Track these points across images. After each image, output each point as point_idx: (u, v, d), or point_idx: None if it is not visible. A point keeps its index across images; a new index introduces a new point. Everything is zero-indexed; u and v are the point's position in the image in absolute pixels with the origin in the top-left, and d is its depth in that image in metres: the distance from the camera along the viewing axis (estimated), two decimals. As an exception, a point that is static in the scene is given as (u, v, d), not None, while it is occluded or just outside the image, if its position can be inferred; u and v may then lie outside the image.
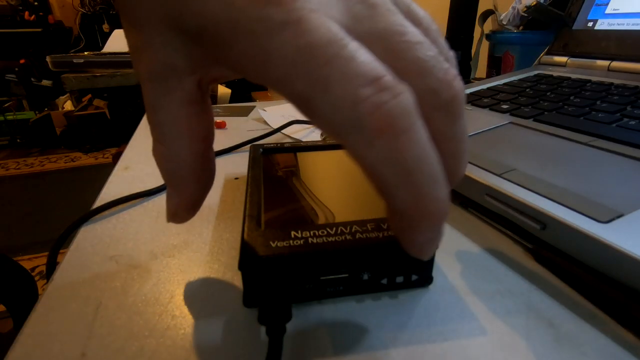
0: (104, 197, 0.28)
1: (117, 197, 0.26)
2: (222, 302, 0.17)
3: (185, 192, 0.16)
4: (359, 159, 0.11)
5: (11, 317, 0.52)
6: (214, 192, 0.27)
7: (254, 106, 0.55)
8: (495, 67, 0.59)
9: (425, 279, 0.17)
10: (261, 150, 0.27)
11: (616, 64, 0.37)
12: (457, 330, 0.15)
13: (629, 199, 0.18)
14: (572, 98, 0.33)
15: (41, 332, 0.16)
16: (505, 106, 0.34)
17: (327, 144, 0.29)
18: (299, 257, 0.15)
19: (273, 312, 0.14)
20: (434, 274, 0.18)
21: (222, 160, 0.34)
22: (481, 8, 0.59)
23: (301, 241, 0.16)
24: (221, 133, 0.43)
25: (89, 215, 0.25)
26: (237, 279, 0.19)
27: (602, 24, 0.41)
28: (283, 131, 0.41)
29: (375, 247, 0.16)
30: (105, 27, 2.74)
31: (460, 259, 0.20)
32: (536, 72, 0.44)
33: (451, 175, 0.12)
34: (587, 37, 0.42)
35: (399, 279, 0.17)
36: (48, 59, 1.00)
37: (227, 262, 0.20)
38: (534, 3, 0.48)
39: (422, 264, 0.17)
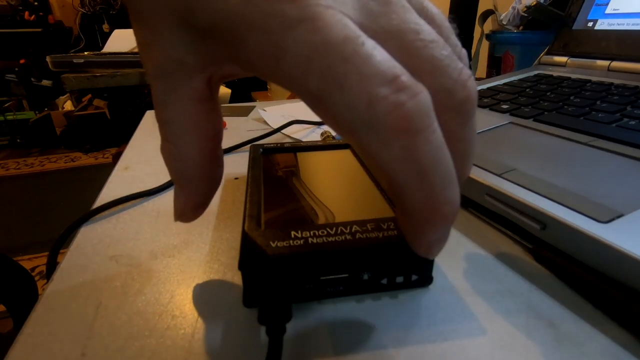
0: (104, 197, 0.28)
1: (117, 197, 0.26)
2: (222, 302, 0.17)
3: (193, 191, 0.15)
4: (373, 158, 0.11)
5: (11, 317, 0.52)
6: (214, 192, 0.27)
7: (254, 106, 0.55)
8: (495, 67, 0.59)
9: (425, 279, 0.17)
10: (261, 150, 0.27)
11: (616, 64, 0.37)
12: (457, 330, 0.15)
13: (629, 199, 0.18)
14: (572, 98, 0.33)
15: (41, 332, 0.16)
16: (505, 106, 0.34)
17: (327, 144, 0.28)
18: (299, 257, 0.15)
19: (273, 312, 0.14)
20: (434, 274, 0.18)
21: (222, 160, 0.34)
22: (481, 8, 0.59)
23: (301, 241, 0.16)
24: (221, 133, 0.42)
25: (89, 215, 0.25)
26: (237, 279, 0.19)
27: (602, 24, 0.41)
28: (283, 131, 0.41)
29: (375, 247, 0.16)
30: (105, 27, 2.74)
31: (460, 259, 0.20)
32: (536, 72, 0.44)
33: (457, 176, 0.12)
34: (587, 37, 0.42)
35: (399, 279, 0.17)
36: (48, 59, 1.00)
37: (227, 262, 0.20)
38: (534, 3, 0.48)
39: (422, 264, 0.17)
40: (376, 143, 0.10)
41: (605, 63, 0.38)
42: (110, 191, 0.29)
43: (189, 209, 0.16)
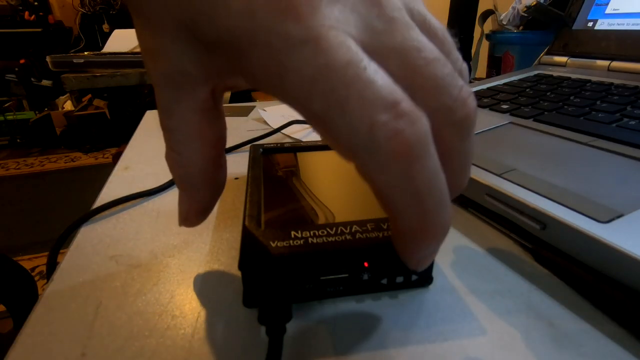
0: (104, 197, 0.28)
1: (117, 197, 0.26)
2: (222, 302, 0.17)
3: (197, 197, 0.16)
4: (370, 181, 0.11)
5: (11, 317, 0.52)
6: (214, 192, 0.27)
7: (254, 106, 0.55)
8: (495, 67, 0.59)
9: (425, 279, 0.17)
10: (261, 150, 0.27)
11: (616, 64, 0.37)
12: (457, 330, 0.15)
13: (629, 199, 0.18)
14: (572, 98, 0.33)
15: (41, 332, 0.16)
16: (505, 106, 0.34)
17: (327, 144, 0.28)
18: (299, 257, 0.15)
19: (273, 312, 0.14)
20: (434, 274, 0.18)
21: (222, 160, 0.34)
22: (481, 8, 0.59)
23: (301, 241, 0.16)
24: (221, 133, 0.43)
25: (89, 215, 0.25)
26: (237, 279, 0.19)
27: (602, 24, 0.41)
28: (283, 131, 0.41)
29: (375, 247, 0.16)
30: (105, 27, 2.74)
31: (460, 259, 0.20)
32: (536, 72, 0.44)
33: (453, 188, 0.12)
34: (587, 37, 0.42)
35: (399, 279, 0.17)
36: (48, 59, 1.00)
37: (227, 262, 0.20)
38: (534, 3, 0.48)
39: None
40: (375, 167, 0.10)
41: (605, 63, 0.38)
42: (110, 191, 0.29)
43: (193, 214, 0.16)
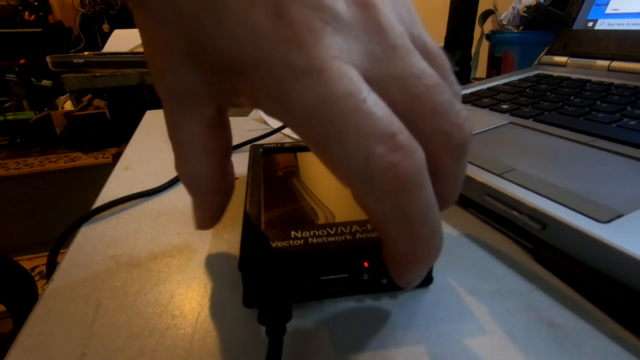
0: (104, 197, 0.28)
1: (117, 197, 0.26)
2: (222, 302, 0.17)
3: (208, 203, 0.17)
4: (366, 209, 0.12)
5: (11, 317, 0.52)
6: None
7: (254, 106, 0.55)
8: (495, 67, 0.59)
9: (425, 279, 0.17)
10: (261, 150, 0.27)
11: (616, 64, 0.37)
12: (457, 330, 0.15)
13: (629, 199, 0.18)
14: (572, 98, 0.33)
15: (41, 332, 0.16)
16: (505, 106, 0.34)
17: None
18: (299, 257, 0.15)
19: (273, 312, 0.14)
20: (434, 274, 0.18)
21: (222, 160, 0.34)
22: (481, 8, 0.59)
23: (301, 241, 0.16)
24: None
25: (89, 215, 0.25)
26: (237, 279, 0.19)
27: (602, 24, 0.41)
28: (283, 131, 0.41)
29: (375, 247, 0.16)
30: (105, 27, 2.74)
31: (460, 259, 0.20)
32: (536, 72, 0.44)
33: (443, 203, 0.13)
34: (587, 37, 0.42)
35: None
36: (48, 59, 1.00)
37: (227, 262, 0.20)
38: (534, 3, 0.48)
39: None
40: (371, 196, 0.11)
41: (605, 63, 0.38)
42: (110, 191, 0.29)
43: (207, 219, 0.17)
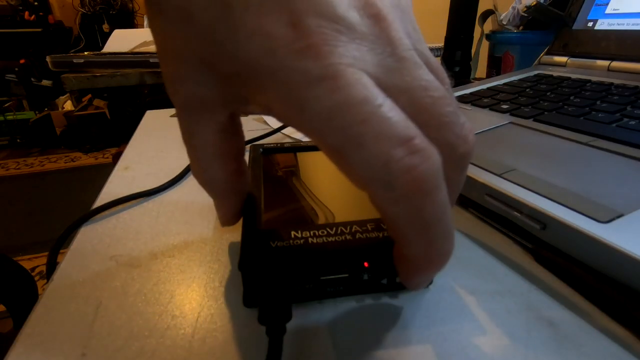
0: (104, 197, 0.28)
1: (117, 197, 0.26)
2: (222, 302, 0.17)
3: (226, 202, 0.17)
4: (382, 211, 0.12)
5: (11, 317, 0.52)
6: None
7: (254, 106, 0.55)
8: (495, 67, 0.59)
9: (425, 279, 0.17)
10: (261, 150, 0.27)
11: (616, 64, 0.37)
12: (457, 330, 0.15)
13: (629, 199, 0.18)
14: (572, 98, 0.33)
15: (41, 332, 0.16)
16: (505, 106, 0.34)
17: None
18: (299, 257, 0.15)
19: (273, 312, 0.14)
20: (434, 274, 0.18)
21: (222, 160, 0.34)
22: (481, 8, 0.59)
23: (301, 241, 0.16)
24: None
25: (89, 215, 0.25)
26: (237, 279, 0.19)
27: (602, 24, 0.41)
28: (283, 131, 0.41)
29: (375, 247, 0.16)
30: (105, 27, 2.74)
31: (460, 259, 0.20)
32: (536, 72, 0.44)
33: None
34: (587, 37, 0.42)
35: (399, 279, 0.17)
36: (48, 59, 0.99)
37: (227, 262, 0.20)
38: (534, 3, 0.48)
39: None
40: (388, 199, 0.11)
41: (605, 63, 0.38)
42: (110, 191, 0.29)
43: (230, 217, 0.18)
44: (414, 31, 0.13)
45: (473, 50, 0.62)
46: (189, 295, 0.18)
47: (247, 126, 0.45)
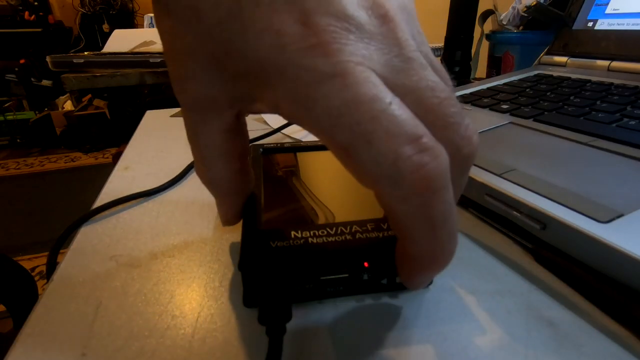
0: (104, 197, 0.28)
1: (117, 197, 0.26)
2: (222, 302, 0.17)
3: (229, 202, 0.17)
4: (389, 209, 0.12)
5: (11, 317, 0.52)
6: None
7: (254, 106, 0.55)
8: (495, 67, 0.59)
9: (425, 279, 0.17)
10: (261, 150, 0.27)
11: (616, 64, 0.37)
12: (457, 330, 0.15)
13: (629, 199, 0.18)
14: (572, 98, 0.33)
15: (41, 332, 0.16)
16: (505, 106, 0.34)
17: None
18: (299, 257, 0.15)
19: (273, 312, 0.14)
20: (434, 274, 0.18)
21: (222, 160, 0.34)
22: (481, 8, 0.59)
23: (301, 241, 0.16)
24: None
25: (89, 215, 0.25)
26: (237, 279, 0.19)
27: (602, 24, 0.41)
28: (283, 131, 0.41)
29: (375, 247, 0.16)
30: (105, 27, 2.74)
31: (460, 259, 0.20)
32: (536, 72, 0.44)
33: None
34: (587, 37, 0.42)
35: (399, 279, 0.17)
36: (48, 59, 0.99)
37: (227, 262, 0.20)
38: (534, 3, 0.48)
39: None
40: (396, 197, 0.11)
41: (605, 63, 0.38)
42: (110, 191, 0.29)
43: (231, 216, 0.18)
44: (418, 34, 0.13)
45: (473, 50, 0.62)
46: (189, 295, 0.18)
47: (247, 126, 0.45)
